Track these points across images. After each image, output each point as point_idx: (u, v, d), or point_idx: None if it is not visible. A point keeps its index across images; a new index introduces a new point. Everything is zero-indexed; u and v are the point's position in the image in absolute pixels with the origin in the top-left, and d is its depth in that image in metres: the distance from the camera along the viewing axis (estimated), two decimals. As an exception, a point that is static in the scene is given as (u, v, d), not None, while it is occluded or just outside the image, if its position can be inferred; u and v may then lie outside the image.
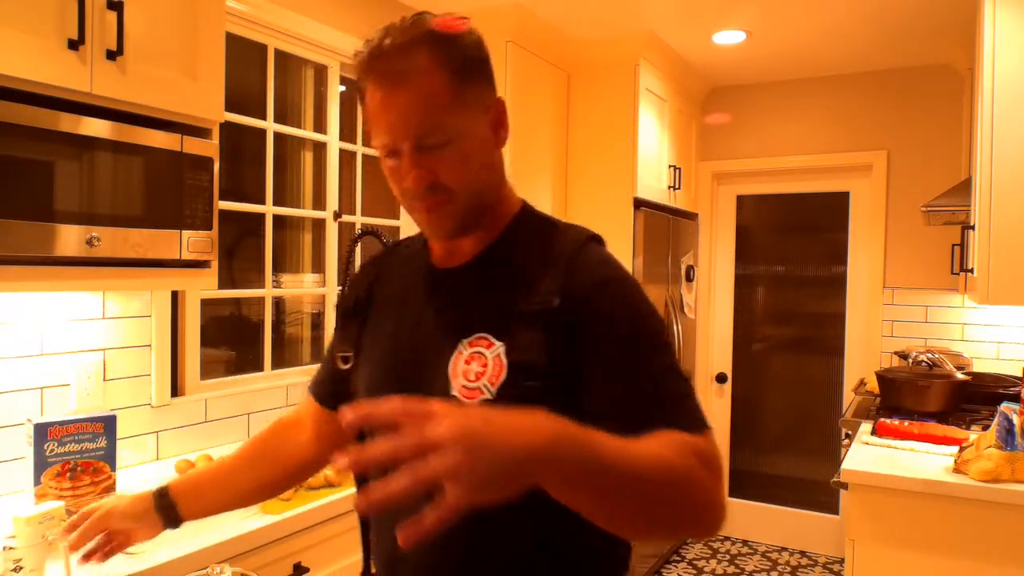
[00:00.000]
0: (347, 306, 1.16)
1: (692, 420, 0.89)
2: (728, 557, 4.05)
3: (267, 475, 1.23)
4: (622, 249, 3.46)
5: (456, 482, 0.62)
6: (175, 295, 2.19)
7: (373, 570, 1.10)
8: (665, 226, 3.78)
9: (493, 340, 0.96)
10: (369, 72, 0.96)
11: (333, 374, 1.16)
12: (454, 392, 0.96)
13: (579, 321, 0.93)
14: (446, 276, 1.06)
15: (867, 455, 2.26)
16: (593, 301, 0.94)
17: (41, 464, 1.63)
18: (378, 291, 1.14)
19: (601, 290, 0.95)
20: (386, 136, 0.96)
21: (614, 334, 0.93)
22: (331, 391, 1.19)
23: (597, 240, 1.05)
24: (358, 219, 2.93)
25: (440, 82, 0.94)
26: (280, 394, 2.53)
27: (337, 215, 2.80)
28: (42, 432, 1.64)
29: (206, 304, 2.34)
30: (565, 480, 0.71)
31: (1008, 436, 2.07)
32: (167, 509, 1.18)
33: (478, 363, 0.95)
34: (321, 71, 2.76)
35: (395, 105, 0.94)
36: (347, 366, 1.13)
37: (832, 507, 4.08)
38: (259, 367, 2.56)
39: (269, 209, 2.55)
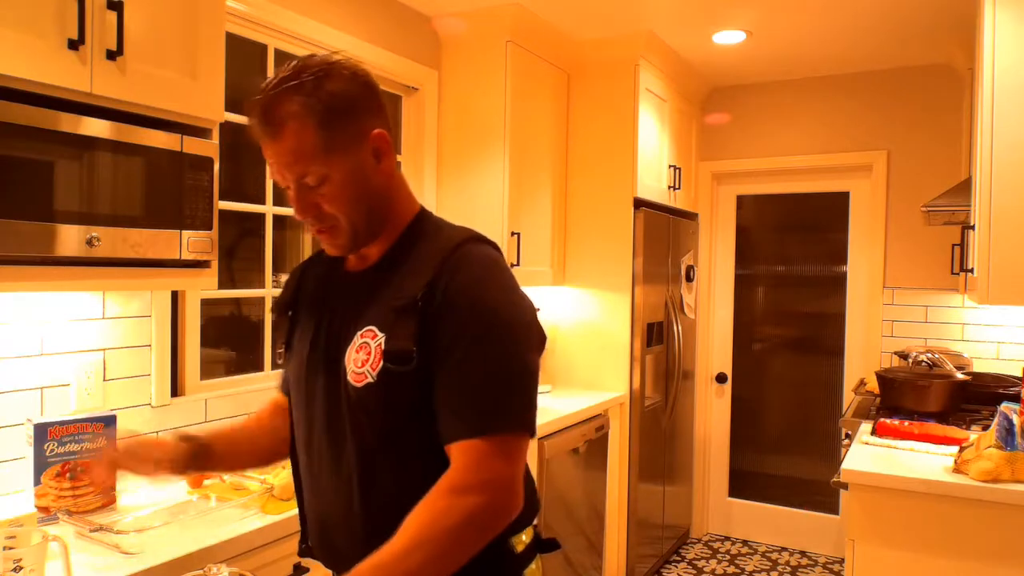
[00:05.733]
0: (278, 306, 1.33)
1: (485, 420, 1.04)
2: (728, 557, 4.05)
3: (271, 445, 1.36)
4: (622, 249, 3.47)
5: None
6: (175, 295, 2.19)
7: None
8: (665, 226, 3.78)
9: (378, 332, 1.10)
10: (253, 121, 1.10)
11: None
12: (348, 377, 1.12)
13: (434, 312, 1.07)
14: (353, 278, 1.22)
15: (867, 455, 2.26)
16: (447, 294, 1.07)
17: (41, 464, 1.63)
18: (304, 292, 1.30)
19: (455, 284, 1.08)
20: (276, 175, 1.12)
21: (452, 327, 1.06)
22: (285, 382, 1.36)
23: (479, 240, 1.17)
24: (358, 219, 2.92)
25: (309, 131, 1.07)
26: (280, 394, 2.52)
27: (337, 215, 2.80)
28: (42, 432, 1.64)
29: (206, 304, 2.34)
30: None
31: (1008, 436, 2.07)
32: (198, 452, 1.27)
33: (364, 352, 1.10)
34: (321, 71, 2.75)
35: (275, 152, 1.09)
36: (281, 361, 1.32)
37: (832, 507, 4.08)
38: (259, 367, 2.56)
39: (269, 209, 2.55)
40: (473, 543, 1.03)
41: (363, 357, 1.10)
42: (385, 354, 1.08)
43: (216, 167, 1.77)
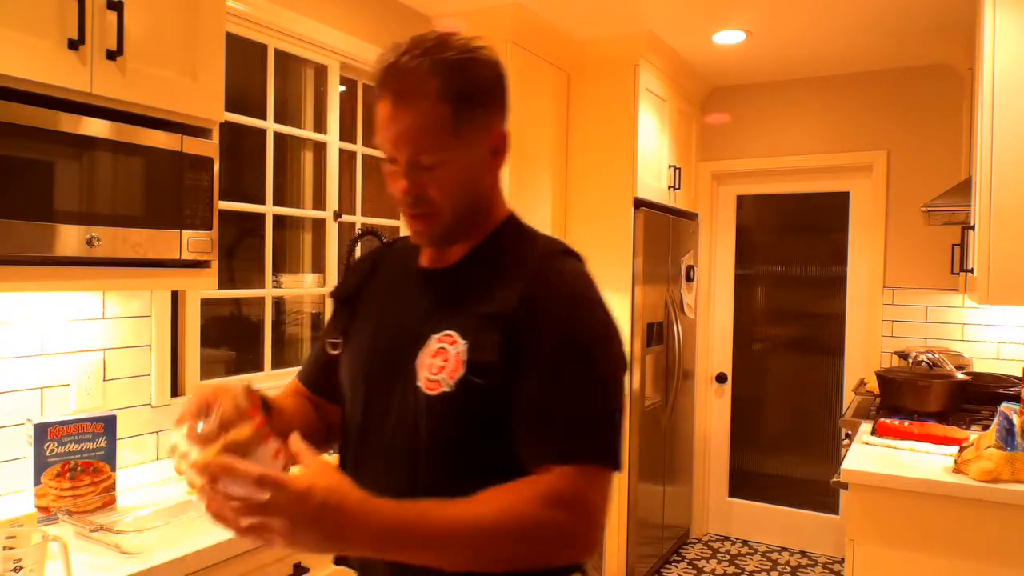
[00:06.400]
0: (340, 294, 1.24)
1: (584, 448, 0.97)
2: (728, 557, 4.05)
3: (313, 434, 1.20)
4: (622, 249, 3.47)
5: (282, 543, 0.86)
6: (175, 295, 2.19)
7: None
8: (665, 226, 3.78)
9: (458, 338, 1.03)
10: (382, 84, 1.03)
11: (319, 359, 1.24)
12: (419, 382, 1.04)
13: (527, 326, 1.00)
14: (430, 276, 1.14)
15: (867, 455, 2.26)
16: (543, 309, 1.01)
17: (41, 464, 1.63)
18: (370, 283, 1.21)
19: (553, 300, 1.02)
20: (388, 145, 1.04)
21: (550, 344, 0.99)
22: (315, 376, 1.26)
23: (569, 254, 1.11)
24: (358, 219, 2.92)
25: (442, 112, 1.01)
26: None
27: (337, 215, 2.80)
28: (42, 432, 1.64)
29: (206, 304, 2.34)
30: (373, 553, 0.91)
31: (1008, 436, 2.07)
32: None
33: (441, 358, 1.03)
34: (321, 71, 2.76)
35: (398, 123, 1.01)
36: (336, 352, 1.20)
37: (832, 507, 4.08)
38: (259, 367, 2.56)
39: (269, 209, 2.55)
40: (539, 555, 0.94)
41: (439, 363, 1.02)
42: (468, 364, 1.00)
43: (216, 167, 1.77)
